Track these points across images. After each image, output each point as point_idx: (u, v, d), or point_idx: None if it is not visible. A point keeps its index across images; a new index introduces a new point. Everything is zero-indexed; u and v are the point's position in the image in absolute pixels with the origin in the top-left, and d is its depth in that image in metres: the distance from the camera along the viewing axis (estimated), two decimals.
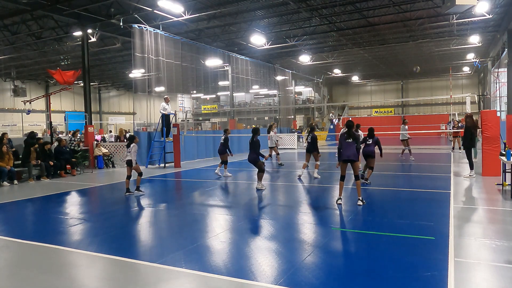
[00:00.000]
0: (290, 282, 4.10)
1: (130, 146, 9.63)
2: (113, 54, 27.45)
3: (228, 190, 10.58)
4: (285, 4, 18.47)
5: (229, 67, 25.64)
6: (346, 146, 7.85)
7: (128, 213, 7.77)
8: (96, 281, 4.42)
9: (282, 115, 33.12)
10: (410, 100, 45.79)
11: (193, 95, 45.20)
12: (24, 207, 8.88)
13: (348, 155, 7.76)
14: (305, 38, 24.54)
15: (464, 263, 4.52)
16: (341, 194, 8.00)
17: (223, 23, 20.99)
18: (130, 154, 9.61)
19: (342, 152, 7.89)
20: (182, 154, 16.38)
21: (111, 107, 47.66)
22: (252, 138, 10.00)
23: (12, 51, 24.83)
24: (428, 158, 17.66)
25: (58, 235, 6.30)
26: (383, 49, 29.24)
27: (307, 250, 5.26)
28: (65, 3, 16.03)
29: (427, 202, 8.14)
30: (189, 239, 5.75)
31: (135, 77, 18.22)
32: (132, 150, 9.60)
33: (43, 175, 12.88)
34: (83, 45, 17.70)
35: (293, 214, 7.74)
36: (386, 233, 5.88)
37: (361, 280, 4.17)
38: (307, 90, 46.14)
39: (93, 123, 20.85)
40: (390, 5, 18.52)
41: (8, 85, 35.02)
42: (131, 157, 9.61)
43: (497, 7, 19.30)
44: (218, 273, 4.38)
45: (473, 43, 25.49)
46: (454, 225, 6.07)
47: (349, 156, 7.74)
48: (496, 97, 28.50)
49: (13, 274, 4.65)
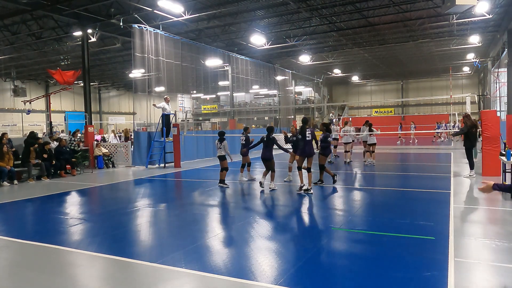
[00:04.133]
0: (290, 282, 4.10)
1: (222, 142, 10.39)
2: (113, 54, 27.44)
3: (228, 190, 10.58)
4: (285, 4, 18.47)
5: (229, 67, 25.63)
6: (307, 143, 9.11)
7: (128, 213, 7.76)
8: (96, 281, 4.42)
9: (282, 115, 33.10)
10: (410, 100, 45.77)
11: (193, 95, 45.15)
12: (24, 207, 8.87)
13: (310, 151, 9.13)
14: (305, 38, 24.53)
15: (464, 263, 4.52)
16: (302, 182, 9.29)
17: (223, 23, 20.99)
18: (222, 149, 10.38)
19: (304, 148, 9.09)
20: (182, 154, 16.37)
21: (111, 107, 47.66)
22: (268, 136, 10.01)
23: (12, 51, 24.82)
24: (428, 158, 17.66)
25: (58, 235, 6.30)
26: (383, 49, 29.24)
27: (307, 250, 5.26)
28: (65, 3, 16.03)
29: (427, 202, 8.14)
30: (189, 239, 5.75)
31: (135, 77, 18.21)
32: (224, 146, 10.34)
33: (43, 175, 12.88)
34: (83, 45, 17.70)
35: (293, 214, 7.74)
36: (386, 233, 5.88)
37: (361, 280, 4.17)
38: (307, 90, 46.12)
39: (93, 123, 20.86)
40: (390, 5, 18.52)
41: (8, 85, 35.02)
42: (224, 153, 10.35)
43: (497, 7, 19.29)
44: (218, 273, 4.38)
45: (473, 43, 25.48)
46: (454, 225, 6.07)
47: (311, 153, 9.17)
48: (496, 97, 28.50)
49: (13, 274, 4.65)
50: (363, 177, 12.39)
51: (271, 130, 10.16)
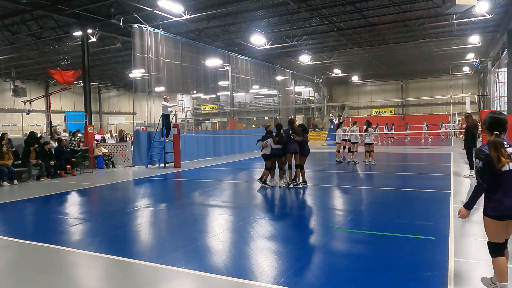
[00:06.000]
0: (290, 282, 4.10)
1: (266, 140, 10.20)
2: (113, 54, 27.45)
3: (228, 190, 10.58)
4: (285, 4, 18.47)
5: (229, 67, 25.63)
6: (292, 141, 9.75)
7: (128, 213, 7.76)
8: (96, 281, 4.42)
9: (282, 115, 33.11)
10: (410, 100, 45.78)
11: (193, 95, 45.18)
12: (24, 207, 8.87)
13: (295, 148, 9.75)
14: (305, 38, 24.54)
15: (464, 263, 4.52)
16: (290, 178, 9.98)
17: (223, 23, 20.99)
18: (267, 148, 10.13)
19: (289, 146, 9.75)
20: (182, 154, 16.37)
21: (111, 107, 47.67)
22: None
23: (12, 51, 24.84)
24: (428, 158, 17.66)
25: (58, 235, 6.30)
26: (383, 49, 29.26)
27: (307, 250, 5.26)
28: (65, 3, 16.03)
29: (427, 202, 8.14)
30: (189, 239, 5.74)
31: (135, 77, 18.21)
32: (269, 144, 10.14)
33: (43, 175, 12.87)
34: (83, 45, 17.69)
35: (293, 214, 7.74)
36: (386, 233, 5.87)
37: (361, 280, 4.17)
38: (307, 90, 46.12)
39: (93, 123, 20.86)
40: (390, 5, 18.53)
41: (8, 85, 35.03)
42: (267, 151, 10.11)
43: (497, 7, 19.30)
44: (218, 273, 4.38)
45: (473, 43, 25.49)
46: (454, 225, 6.07)
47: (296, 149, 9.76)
48: (496, 97, 28.51)
49: (13, 274, 4.65)
50: (363, 177, 12.39)
51: (291, 123, 10.28)
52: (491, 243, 3.58)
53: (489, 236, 3.60)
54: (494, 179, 3.43)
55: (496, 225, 3.49)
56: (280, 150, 9.96)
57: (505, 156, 3.36)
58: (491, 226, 3.54)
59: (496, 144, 3.38)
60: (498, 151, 3.36)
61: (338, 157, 15.85)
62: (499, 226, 3.49)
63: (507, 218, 3.46)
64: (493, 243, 3.56)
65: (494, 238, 3.55)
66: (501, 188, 3.42)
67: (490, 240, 3.59)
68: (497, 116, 3.59)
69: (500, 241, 3.54)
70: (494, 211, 3.46)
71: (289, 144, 9.83)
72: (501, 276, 3.54)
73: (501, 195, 3.42)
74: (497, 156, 3.35)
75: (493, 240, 3.56)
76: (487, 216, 3.53)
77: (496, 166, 3.37)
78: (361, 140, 16.12)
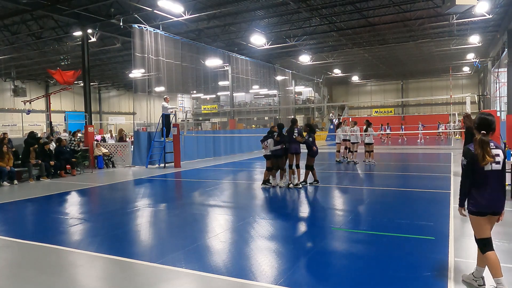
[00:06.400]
0: (290, 282, 4.10)
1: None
2: (113, 54, 27.45)
3: (228, 190, 10.58)
4: (285, 4, 18.47)
5: (229, 67, 25.62)
6: (294, 141, 9.77)
7: (128, 213, 7.76)
8: (96, 281, 4.42)
9: (282, 115, 33.10)
10: (410, 100, 45.78)
11: (193, 95, 45.15)
12: (24, 207, 8.87)
13: (296, 149, 9.79)
14: (305, 38, 24.53)
15: (464, 263, 4.52)
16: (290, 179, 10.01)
17: (223, 23, 20.99)
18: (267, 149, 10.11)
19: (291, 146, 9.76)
20: (182, 154, 16.37)
21: (111, 107, 47.66)
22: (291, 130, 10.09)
23: (12, 51, 24.83)
24: (428, 158, 17.67)
25: (58, 235, 6.30)
26: (383, 49, 29.25)
27: (307, 250, 5.26)
28: (65, 3, 16.03)
29: (427, 202, 8.14)
30: (189, 239, 5.75)
31: (135, 77, 18.20)
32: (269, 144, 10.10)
33: (43, 175, 12.88)
34: (83, 45, 17.69)
35: (293, 214, 7.74)
36: (386, 233, 5.87)
37: (361, 280, 4.17)
38: (307, 90, 46.12)
39: (93, 123, 20.85)
40: (390, 5, 18.52)
41: (8, 85, 35.01)
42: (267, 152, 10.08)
43: (497, 7, 19.29)
44: (218, 273, 4.38)
45: (473, 43, 25.48)
46: (454, 225, 6.07)
47: (297, 150, 9.82)
48: (496, 97, 28.51)
49: (13, 274, 4.65)
50: (363, 177, 12.39)
51: (294, 122, 10.33)
52: (479, 239, 3.75)
53: (476, 232, 3.79)
54: (476, 177, 3.64)
55: (479, 220, 3.70)
56: (280, 151, 9.97)
57: (490, 155, 3.57)
58: (475, 221, 3.74)
59: (482, 142, 3.60)
60: (483, 149, 3.58)
61: (338, 157, 15.87)
62: (481, 221, 3.70)
63: (488, 213, 3.67)
64: (481, 239, 3.73)
65: (480, 233, 3.73)
66: (482, 185, 3.64)
67: (478, 237, 3.77)
68: (485, 117, 3.84)
69: (486, 236, 3.72)
70: (474, 207, 3.68)
71: (290, 144, 9.85)
72: (496, 271, 3.60)
73: (482, 192, 3.65)
74: (482, 154, 3.57)
75: (480, 236, 3.74)
76: (469, 213, 3.74)
77: (480, 163, 3.58)
78: (361, 140, 16.13)
